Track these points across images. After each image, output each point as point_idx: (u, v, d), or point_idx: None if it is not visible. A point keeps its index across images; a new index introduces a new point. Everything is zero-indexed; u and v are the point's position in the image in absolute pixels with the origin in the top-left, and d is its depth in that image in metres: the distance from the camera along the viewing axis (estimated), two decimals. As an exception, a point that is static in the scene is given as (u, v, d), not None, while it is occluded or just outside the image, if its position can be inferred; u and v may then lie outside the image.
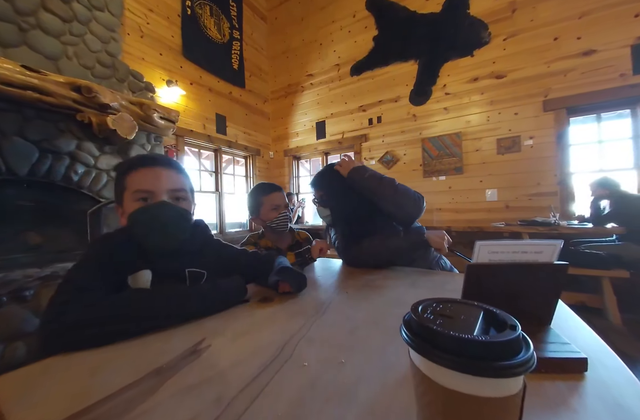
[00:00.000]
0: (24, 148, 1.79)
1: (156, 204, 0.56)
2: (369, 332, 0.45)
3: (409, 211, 0.94)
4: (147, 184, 0.57)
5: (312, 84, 4.01)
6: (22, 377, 0.38)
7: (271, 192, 1.13)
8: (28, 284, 1.61)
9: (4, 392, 0.33)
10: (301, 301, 0.62)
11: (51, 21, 1.98)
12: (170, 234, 0.57)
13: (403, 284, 0.74)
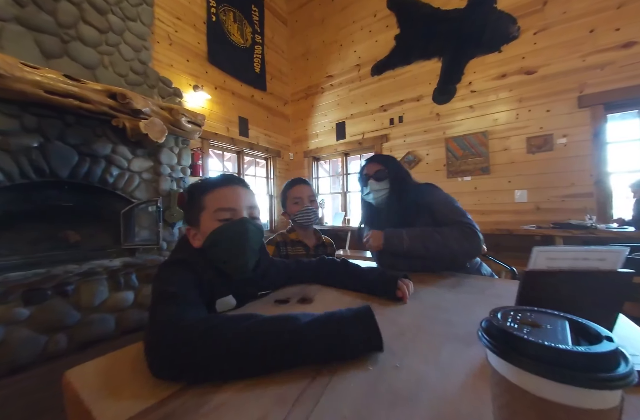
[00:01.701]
0: (65, 152, 1.92)
1: (241, 221, 0.57)
2: (416, 336, 0.45)
3: (467, 251, 0.87)
4: (229, 202, 0.58)
5: (332, 85, 4.02)
6: (99, 367, 0.40)
7: (293, 185, 1.14)
8: (69, 280, 1.72)
9: (84, 381, 0.36)
10: (340, 303, 0.62)
11: (89, 32, 2.12)
12: (254, 250, 0.58)
13: (441, 288, 0.72)
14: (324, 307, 0.59)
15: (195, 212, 0.59)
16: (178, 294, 0.45)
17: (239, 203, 0.59)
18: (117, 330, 1.87)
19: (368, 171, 1.06)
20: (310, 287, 0.74)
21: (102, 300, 1.80)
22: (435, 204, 0.95)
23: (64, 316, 1.64)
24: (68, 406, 0.37)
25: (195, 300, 0.47)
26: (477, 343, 0.40)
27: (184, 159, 2.61)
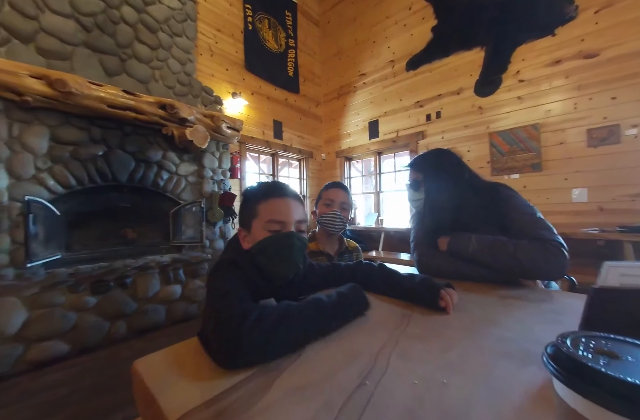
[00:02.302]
0: (124, 159, 2.15)
1: (288, 234, 0.59)
2: (464, 351, 0.42)
3: (547, 272, 0.72)
4: (281, 215, 0.60)
5: (365, 83, 3.96)
6: (164, 358, 0.44)
7: (330, 187, 1.12)
8: (127, 273, 1.93)
9: (150, 371, 0.40)
10: (379, 310, 0.61)
11: (143, 50, 2.34)
12: (296, 262, 0.60)
13: (490, 299, 0.66)
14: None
15: (248, 217, 0.62)
16: (232, 291, 0.49)
17: (289, 217, 0.60)
18: (168, 320, 2.05)
19: (409, 177, 0.99)
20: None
21: (154, 292, 1.99)
22: (510, 212, 0.82)
23: (123, 305, 1.84)
24: (136, 393, 0.41)
25: (248, 298, 0.50)
26: (534, 364, 0.37)
27: (224, 162, 2.77)
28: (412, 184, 0.96)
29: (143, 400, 0.38)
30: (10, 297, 1.49)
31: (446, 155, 0.96)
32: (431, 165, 0.94)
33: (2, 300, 1.46)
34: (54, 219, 1.89)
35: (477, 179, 0.94)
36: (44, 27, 1.87)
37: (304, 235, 0.64)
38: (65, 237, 2.09)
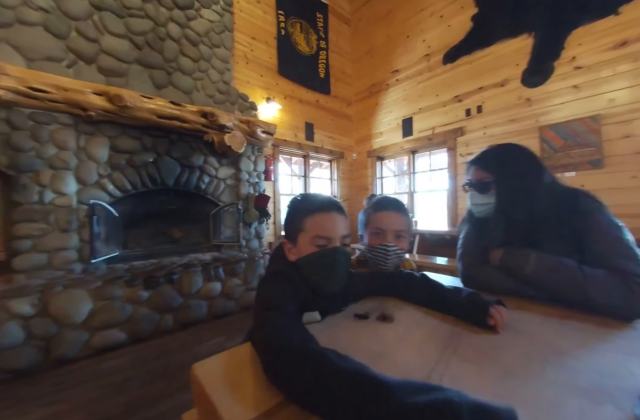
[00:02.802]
0: (171, 165, 2.33)
1: (334, 251, 0.59)
2: (525, 380, 0.39)
3: (624, 313, 0.58)
4: (328, 231, 0.60)
5: (398, 80, 3.85)
6: (221, 362, 0.46)
7: (380, 209, 0.87)
8: (174, 270, 2.09)
9: (208, 376, 0.42)
10: (426, 326, 0.58)
11: (186, 63, 2.51)
12: (342, 278, 0.60)
13: (549, 320, 0.59)
14: (406, 330, 0.56)
15: (295, 230, 0.63)
16: (279, 305, 0.49)
17: (335, 232, 0.60)
18: (209, 315, 2.18)
19: (472, 177, 0.83)
20: (388, 302, 0.71)
21: (197, 289, 2.13)
22: (591, 231, 0.67)
23: (171, 300, 2.00)
24: (195, 396, 0.43)
25: (294, 313, 0.51)
26: (609, 402, 0.33)
27: (259, 165, 2.88)
28: (478, 186, 0.80)
29: (204, 407, 0.40)
30: (79, 290, 1.69)
31: (522, 152, 0.78)
32: (505, 164, 0.77)
33: (72, 292, 1.67)
34: (113, 220, 2.12)
35: (557, 183, 0.77)
36: (103, 48, 2.10)
37: (349, 249, 0.64)
38: (122, 236, 2.33)
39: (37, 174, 1.75)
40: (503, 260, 0.76)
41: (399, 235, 0.85)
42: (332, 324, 0.59)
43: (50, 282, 1.66)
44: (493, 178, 0.77)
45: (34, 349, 1.52)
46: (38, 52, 1.85)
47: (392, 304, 0.70)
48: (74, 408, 1.24)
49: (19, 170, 1.71)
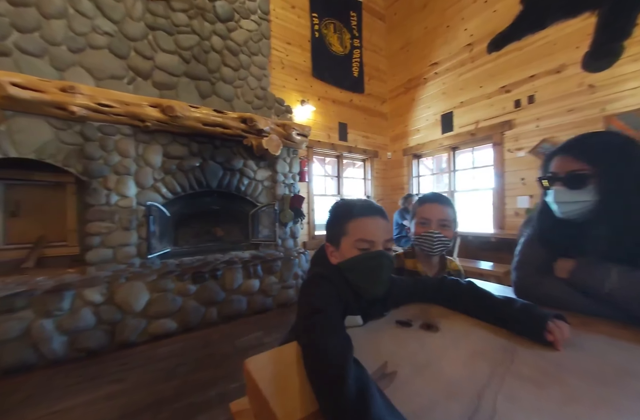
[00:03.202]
0: (215, 168, 2.49)
1: (377, 254, 0.59)
2: (595, 407, 0.34)
3: None
4: (371, 235, 0.60)
5: (437, 73, 3.66)
6: (272, 358, 0.47)
7: (424, 202, 0.94)
8: (218, 266, 2.23)
9: (260, 371, 0.44)
10: (475, 338, 0.54)
11: (228, 73, 2.66)
12: (385, 281, 0.61)
13: (619, 341, 0.52)
14: (453, 341, 0.53)
15: (337, 234, 0.64)
16: (323, 308, 0.50)
17: (378, 236, 0.61)
18: (248, 310, 2.30)
19: (557, 169, 0.68)
20: (432, 309, 0.68)
21: (238, 285, 2.25)
22: None
23: (215, 294, 2.14)
24: (248, 389, 0.46)
25: (337, 317, 0.51)
26: None
27: (294, 167, 2.95)
28: (569, 179, 0.65)
29: (256, 400, 0.42)
30: (138, 282, 1.90)
31: (631, 140, 0.63)
32: (613, 153, 0.61)
33: (133, 284, 1.87)
34: (166, 220, 2.33)
35: None
36: (157, 64, 2.32)
37: (391, 253, 0.64)
38: (173, 234, 2.56)
39: (105, 179, 2.00)
40: (575, 273, 0.65)
41: (443, 224, 0.90)
42: (374, 329, 0.58)
43: (115, 274, 1.89)
44: (594, 170, 0.62)
45: (102, 333, 1.74)
46: (104, 71, 2.11)
47: (437, 312, 0.66)
48: (135, 387, 1.39)
49: (90, 176, 1.97)
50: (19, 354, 1.51)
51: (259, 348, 1.76)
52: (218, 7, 2.61)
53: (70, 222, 2.30)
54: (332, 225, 0.67)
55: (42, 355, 1.56)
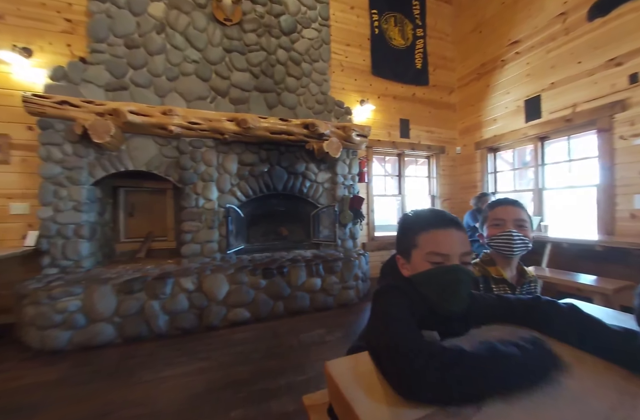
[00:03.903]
0: (280, 173, 2.68)
1: (453, 269, 0.55)
2: None
3: None
4: (444, 248, 0.56)
5: (518, 53, 3.18)
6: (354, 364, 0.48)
7: (497, 206, 0.90)
8: (284, 263, 2.40)
9: (342, 375, 0.45)
10: (581, 374, 0.45)
11: (291, 82, 2.83)
12: (463, 298, 0.56)
13: None
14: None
15: (407, 246, 0.61)
16: (403, 319, 0.49)
17: (453, 249, 0.56)
18: (311, 307, 2.41)
19: None
20: (519, 331, 0.58)
21: (302, 282, 2.38)
22: None
23: (281, 289, 2.31)
24: (330, 391, 0.47)
25: (416, 328, 0.49)
26: None
27: (354, 168, 2.96)
28: None
29: (339, 403, 0.44)
30: (220, 274, 2.18)
31: None
32: None
33: (216, 276, 2.16)
34: (240, 220, 2.62)
35: None
36: (232, 82, 2.61)
37: (470, 267, 0.60)
38: (246, 232, 2.85)
39: (195, 186, 2.36)
40: None
41: (520, 224, 0.84)
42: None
43: (203, 266, 2.22)
44: None
45: (193, 315, 2.06)
46: (192, 94, 2.48)
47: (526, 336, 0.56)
48: (218, 366, 1.61)
49: (184, 183, 2.35)
50: (137, 327, 1.90)
51: (322, 345, 1.84)
52: (282, 22, 2.79)
53: (170, 221, 2.79)
54: (401, 238, 0.65)
55: (151, 330, 1.94)
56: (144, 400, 1.32)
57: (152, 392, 1.39)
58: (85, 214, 2.14)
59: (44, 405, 1.29)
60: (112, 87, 2.26)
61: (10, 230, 2.19)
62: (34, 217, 2.12)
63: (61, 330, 1.74)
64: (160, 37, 2.40)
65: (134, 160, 2.27)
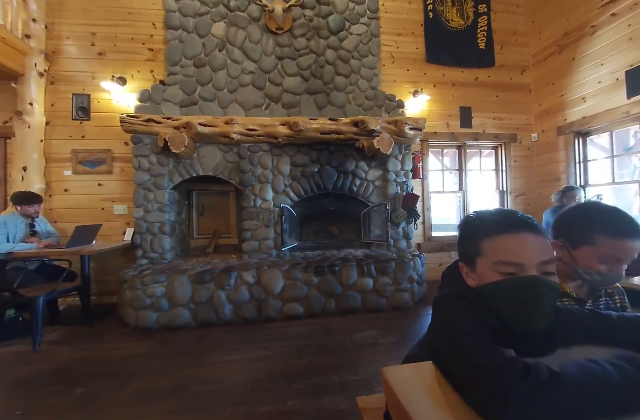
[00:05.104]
0: (330, 172, 2.71)
1: (532, 281, 0.46)
2: None
3: None
4: (516, 256, 0.48)
5: (615, 14, 2.59)
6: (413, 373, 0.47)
7: (625, 237, 0.64)
8: (335, 262, 2.43)
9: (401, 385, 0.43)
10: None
11: (340, 81, 2.82)
12: (545, 314, 0.47)
13: None
14: None
15: (471, 254, 0.54)
16: (473, 330, 0.44)
17: (529, 258, 0.47)
18: (363, 307, 2.38)
19: None
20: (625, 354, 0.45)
21: (353, 281, 2.37)
22: None
23: (333, 288, 2.34)
24: (387, 399, 0.45)
25: (492, 342, 0.43)
26: None
27: (407, 164, 2.82)
28: None
29: (398, 413, 0.42)
30: (276, 270, 2.32)
31: None
32: None
33: (273, 271, 2.31)
34: (293, 219, 2.74)
35: None
36: (284, 88, 2.74)
37: (554, 278, 0.49)
38: (298, 230, 2.97)
39: (253, 187, 2.55)
40: None
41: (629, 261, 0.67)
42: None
43: (261, 262, 2.39)
44: None
45: (253, 307, 2.24)
46: (250, 103, 2.68)
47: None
48: (276, 356, 1.72)
49: (244, 185, 2.56)
50: (207, 313, 2.15)
51: (375, 347, 1.81)
52: (330, 22, 2.80)
53: (233, 220, 3.07)
54: (463, 244, 0.57)
55: (219, 317, 2.17)
56: (212, 379, 1.49)
57: (220, 372, 1.56)
58: (167, 214, 2.50)
59: (136, 374, 1.56)
60: (185, 103, 2.59)
61: (114, 227, 2.71)
62: (130, 217, 2.57)
63: (150, 312, 2.08)
64: (221, 53, 2.66)
65: (203, 166, 2.56)
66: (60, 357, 1.75)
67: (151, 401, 1.34)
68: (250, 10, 2.69)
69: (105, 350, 1.83)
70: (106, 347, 1.86)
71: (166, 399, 1.35)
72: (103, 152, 2.72)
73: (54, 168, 2.68)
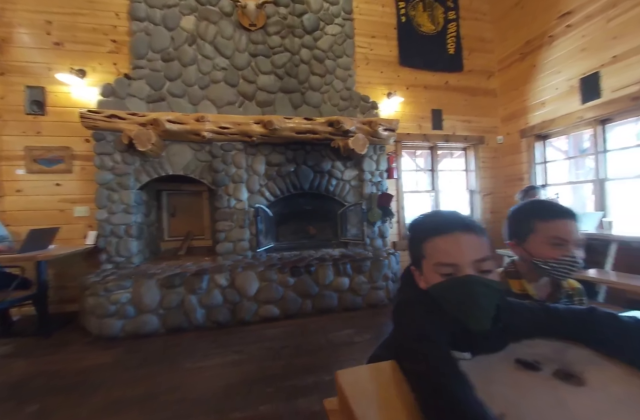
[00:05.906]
0: (307, 172, 2.70)
1: (465, 280, 0.48)
2: None
3: None
4: (450, 257, 0.50)
5: (570, 26, 2.79)
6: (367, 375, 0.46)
7: (556, 217, 0.71)
8: (311, 262, 2.42)
9: (353, 388, 0.42)
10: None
11: (315, 80, 2.82)
12: (486, 313, 0.48)
13: None
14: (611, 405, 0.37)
15: (417, 256, 0.56)
16: (428, 336, 0.45)
17: (462, 258, 0.49)
18: (339, 306, 2.40)
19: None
20: (571, 350, 0.50)
21: (330, 281, 2.38)
22: None
23: (309, 288, 2.34)
24: (339, 401, 0.44)
25: (448, 348, 0.44)
26: None
27: (381, 164, 2.87)
28: None
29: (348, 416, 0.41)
30: (250, 271, 2.27)
31: None
32: None
33: (247, 273, 2.26)
34: (269, 219, 2.70)
35: None
36: (259, 86, 2.69)
37: (492, 275, 0.50)
38: (274, 231, 2.93)
39: (226, 187, 2.48)
40: None
41: (579, 244, 0.72)
42: (485, 367, 0.46)
43: (235, 264, 2.33)
44: None
45: (227, 310, 2.18)
46: (222, 100, 2.60)
47: (580, 356, 0.48)
48: (250, 360, 1.68)
49: (217, 185, 2.48)
50: (177, 319, 2.07)
51: (351, 346, 1.82)
52: (305, 20, 2.79)
53: (206, 221, 2.97)
54: (410, 247, 0.59)
55: (190, 322, 2.09)
56: (183, 387, 1.43)
57: (192, 379, 1.50)
58: (134, 215, 2.37)
59: (101, 385, 1.46)
60: (152, 98, 2.47)
61: (74, 230, 2.52)
62: (92, 219, 2.41)
63: (115, 319, 1.96)
64: (191, 48, 2.56)
65: (173, 165, 2.45)
66: (14, 371, 1.61)
67: (116, 413, 1.26)
68: (222, 5, 2.62)
69: (65, 362, 1.70)
70: (66, 359, 1.73)
71: (132, 410, 1.28)
72: (61, 150, 2.52)
73: (5, 166, 2.45)
